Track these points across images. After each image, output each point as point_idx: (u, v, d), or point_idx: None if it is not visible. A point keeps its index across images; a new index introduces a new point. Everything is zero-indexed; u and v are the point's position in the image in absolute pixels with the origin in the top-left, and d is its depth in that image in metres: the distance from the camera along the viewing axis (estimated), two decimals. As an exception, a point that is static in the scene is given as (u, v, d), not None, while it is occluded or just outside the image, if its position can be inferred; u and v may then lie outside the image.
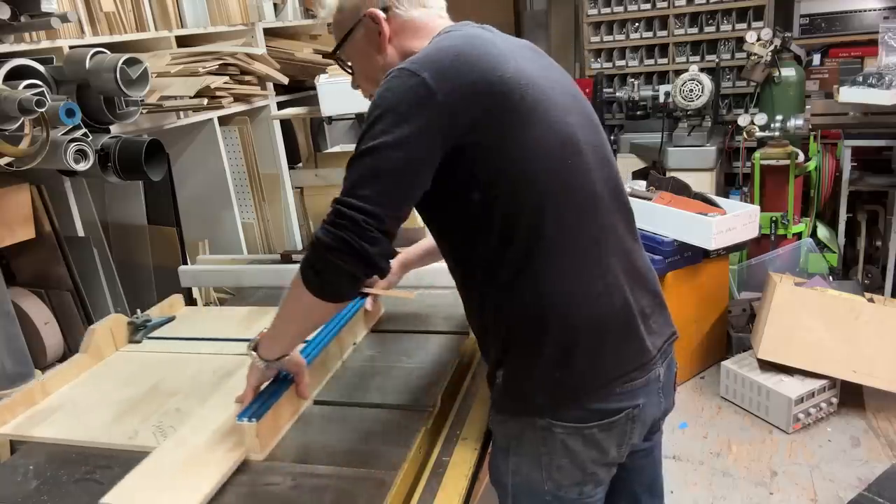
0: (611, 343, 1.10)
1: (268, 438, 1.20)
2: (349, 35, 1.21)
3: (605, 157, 1.17)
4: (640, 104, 3.94)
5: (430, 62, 1.04)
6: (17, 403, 1.40)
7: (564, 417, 1.11)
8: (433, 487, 1.14)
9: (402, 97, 1.01)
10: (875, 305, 2.73)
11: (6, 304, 1.69)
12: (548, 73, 1.15)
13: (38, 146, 1.56)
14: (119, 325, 1.68)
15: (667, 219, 2.85)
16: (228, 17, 2.49)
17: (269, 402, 1.21)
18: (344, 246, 1.00)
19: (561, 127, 1.08)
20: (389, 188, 1.02)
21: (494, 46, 1.09)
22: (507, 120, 1.04)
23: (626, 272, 1.13)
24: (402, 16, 1.18)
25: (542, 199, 1.06)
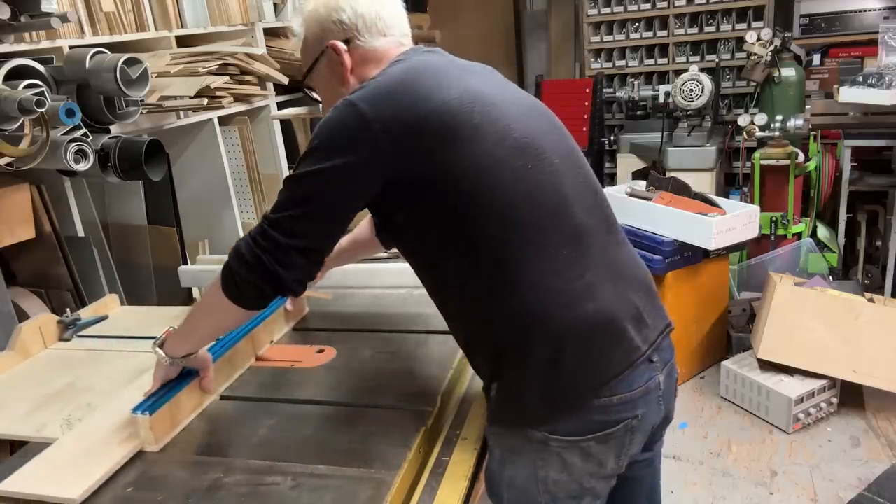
0: (599, 342, 1.08)
1: (163, 431, 1.24)
2: (314, 65, 1.25)
3: (576, 163, 1.17)
4: (640, 104, 3.94)
5: (370, 93, 1.07)
6: None
7: (561, 430, 1.10)
8: (433, 487, 1.14)
9: (339, 128, 1.05)
10: (875, 305, 2.73)
11: (6, 304, 1.69)
12: (501, 90, 1.17)
13: (38, 146, 1.56)
14: (48, 323, 1.71)
15: (667, 219, 2.85)
16: (228, 17, 2.49)
17: (167, 397, 1.25)
18: (259, 266, 1.07)
19: (517, 135, 1.09)
20: (315, 220, 1.08)
21: (439, 71, 1.12)
22: (454, 141, 1.05)
23: (609, 270, 1.12)
24: (364, 46, 1.21)
25: (505, 208, 1.06)
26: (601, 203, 1.19)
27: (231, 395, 1.40)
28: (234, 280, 1.11)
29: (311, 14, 1.25)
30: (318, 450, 1.20)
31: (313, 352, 1.55)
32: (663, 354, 1.18)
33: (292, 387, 1.44)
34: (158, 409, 1.22)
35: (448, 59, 1.21)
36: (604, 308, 1.09)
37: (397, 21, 1.24)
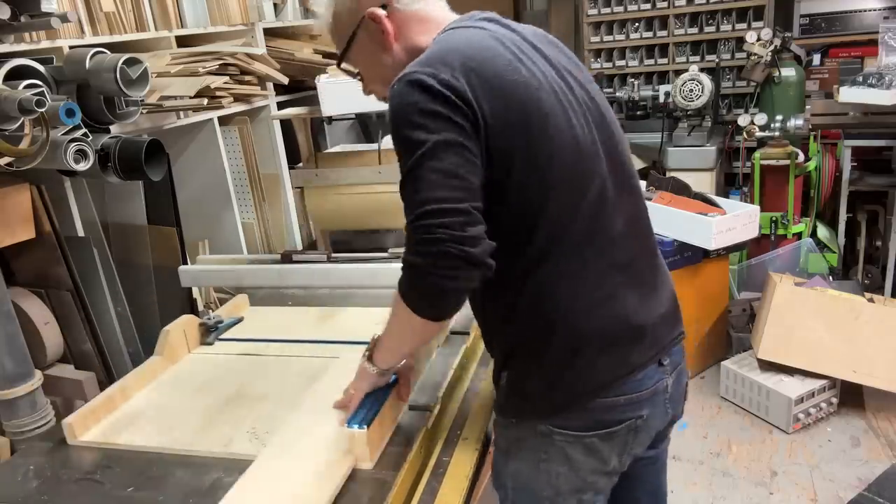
0: (617, 347, 1.09)
1: (376, 446, 1.17)
2: (352, 40, 1.17)
3: (623, 164, 1.14)
4: (640, 104, 3.94)
5: (437, 62, 1.00)
6: (98, 409, 1.38)
7: (565, 425, 1.11)
8: (433, 487, 1.14)
9: (416, 102, 0.98)
10: (875, 305, 2.73)
11: (6, 304, 1.69)
12: (558, 68, 1.10)
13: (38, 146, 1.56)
14: (192, 326, 1.66)
15: (667, 219, 2.85)
16: (228, 17, 2.48)
17: (375, 409, 1.19)
18: (446, 261, 0.95)
19: (573, 134, 1.05)
20: (459, 181, 0.97)
21: (504, 47, 1.05)
22: (520, 122, 1.01)
23: (638, 277, 1.13)
24: (403, 10, 1.14)
25: (552, 205, 1.04)
26: (640, 209, 1.18)
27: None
28: (423, 297, 1.01)
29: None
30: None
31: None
32: (674, 358, 1.19)
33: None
34: (373, 421, 1.16)
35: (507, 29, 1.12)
36: (628, 314, 1.10)
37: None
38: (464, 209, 0.96)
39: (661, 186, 3.06)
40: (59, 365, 1.99)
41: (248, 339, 1.69)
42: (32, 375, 1.70)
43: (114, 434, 1.32)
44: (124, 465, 1.22)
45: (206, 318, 1.70)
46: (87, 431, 1.33)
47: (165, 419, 1.35)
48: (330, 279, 1.93)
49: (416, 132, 0.97)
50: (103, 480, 1.18)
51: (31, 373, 1.71)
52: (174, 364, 1.59)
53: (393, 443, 1.21)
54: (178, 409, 1.38)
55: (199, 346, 1.67)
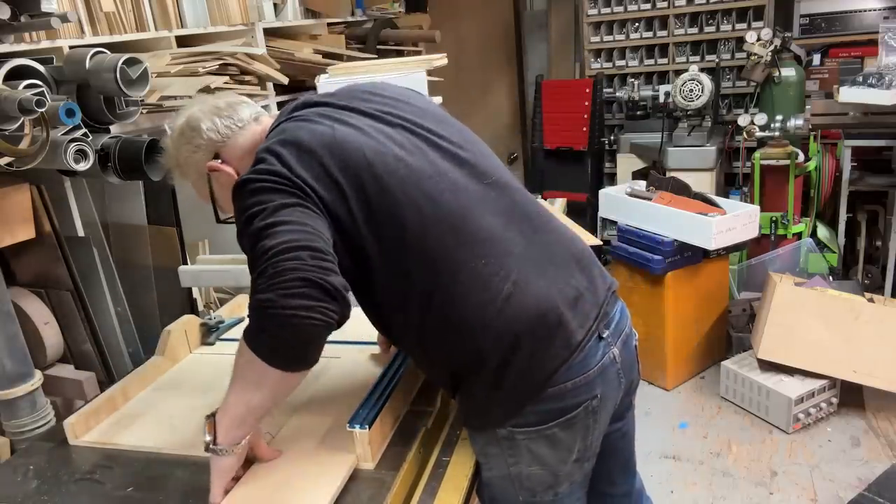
0: (540, 335, 1.09)
1: (377, 446, 1.17)
2: (213, 195, 1.25)
3: (476, 163, 1.16)
4: (640, 104, 3.94)
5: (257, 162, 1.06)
6: (100, 408, 1.38)
7: (523, 423, 1.12)
8: (433, 487, 1.14)
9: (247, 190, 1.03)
10: (875, 305, 2.73)
11: (6, 304, 1.69)
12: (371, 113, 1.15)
13: (38, 146, 1.56)
14: (193, 326, 1.66)
15: (667, 219, 2.85)
16: (228, 17, 2.49)
17: (378, 407, 1.18)
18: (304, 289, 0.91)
19: (399, 167, 1.08)
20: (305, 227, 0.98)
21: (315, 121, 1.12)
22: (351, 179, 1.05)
23: (534, 262, 1.12)
24: (232, 146, 1.21)
25: (411, 236, 1.06)
26: (512, 197, 1.17)
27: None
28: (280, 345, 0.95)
29: (177, 161, 1.25)
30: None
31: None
32: (616, 326, 1.18)
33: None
34: (375, 420, 1.15)
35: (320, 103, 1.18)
36: (537, 301, 1.09)
37: (237, 107, 1.23)
38: (317, 246, 0.96)
39: (661, 186, 3.06)
40: (59, 365, 1.99)
41: None
42: (32, 375, 1.71)
43: (115, 434, 1.32)
44: (124, 465, 1.22)
45: (208, 318, 1.69)
46: (89, 432, 1.33)
47: (166, 420, 1.35)
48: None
49: (252, 208, 1.01)
50: (103, 480, 1.18)
51: (31, 373, 1.71)
52: (175, 364, 1.58)
53: (393, 443, 1.21)
54: (179, 410, 1.38)
55: (200, 346, 1.67)
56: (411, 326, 1.12)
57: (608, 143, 4.20)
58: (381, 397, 1.22)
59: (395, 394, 1.25)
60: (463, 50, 4.61)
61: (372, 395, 1.22)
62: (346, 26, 3.32)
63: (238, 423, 1.04)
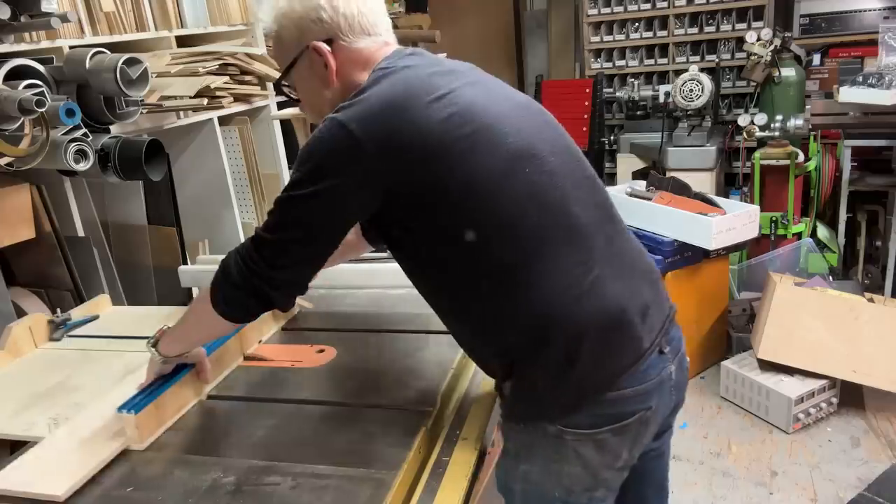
0: (611, 337, 1.09)
1: (149, 429, 1.25)
2: (292, 66, 1.19)
3: (572, 158, 1.16)
4: (640, 104, 3.94)
5: (360, 113, 1.03)
6: None
7: (575, 424, 1.10)
8: (433, 487, 1.14)
9: (331, 150, 1.03)
10: (875, 305, 2.73)
11: (6, 304, 1.69)
12: (489, 92, 1.14)
13: (38, 146, 1.56)
14: (39, 323, 1.72)
15: (667, 219, 2.85)
16: (228, 17, 2.49)
17: (152, 396, 1.27)
18: (247, 284, 1.09)
19: (511, 140, 1.07)
20: (306, 243, 1.08)
21: (426, 84, 1.08)
22: (448, 158, 1.03)
23: (615, 263, 1.12)
24: (348, 47, 1.15)
25: (506, 218, 1.05)
26: (601, 196, 1.18)
27: (219, 394, 1.40)
28: (222, 296, 1.13)
29: (285, 13, 1.17)
30: (318, 450, 1.20)
31: (313, 351, 1.55)
32: (674, 344, 1.18)
33: (290, 386, 1.44)
34: (144, 407, 1.23)
35: (432, 64, 1.16)
36: (613, 302, 1.09)
37: (380, 18, 1.19)
38: (288, 265, 1.09)
39: (661, 186, 3.06)
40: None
41: (98, 336, 1.73)
42: (32, 375, 1.71)
43: None
44: (124, 465, 1.22)
45: (55, 316, 1.75)
46: None
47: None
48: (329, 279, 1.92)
49: (316, 170, 1.04)
50: (102, 480, 1.18)
51: (30, 373, 1.71)
52: (16, 358, 1.65)
53: (392, 443, 1.21)
54: (15, 398, 1.46)
55: (46, 341, 1.72)
56: (483, 301, 1.10)
57: (608, 143, 4.20)
58: (162, 386, 1.30)
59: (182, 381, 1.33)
60: (463, 50, 4.61)
61: (156, 382, 1.31)
62: (346, 26, 3.32)
63: (170, 344, 1.28)
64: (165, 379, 1.32)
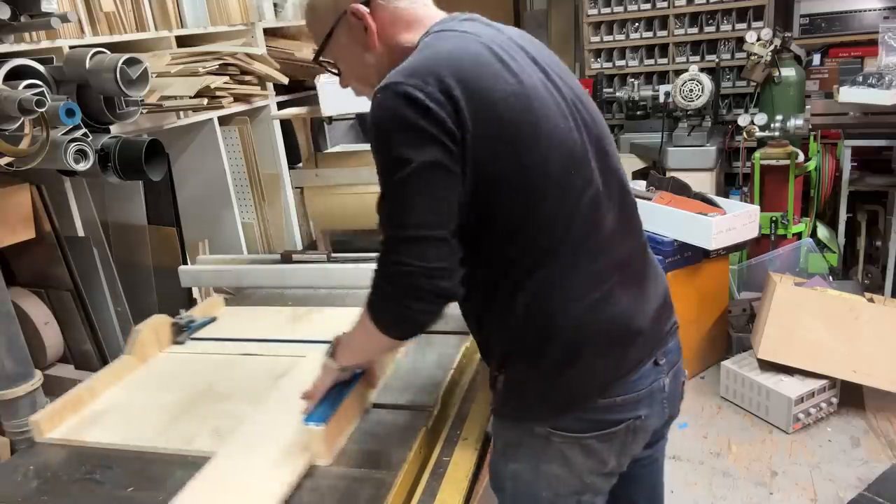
0: (614, 347, 1.09)
1: (334, 443, 1.18)
2: (331, 35, 1.13)
3: (611, 163, 1.13)
4: (640, 104, 3.94)
5: (425, 73, 0.97)
6: (65, 407, 1.38)
7: (563, 427, 1.10)
8: (433, 487, 1.14)
9: (403, 116, 0.95)
10: (875, 305, 2.73)
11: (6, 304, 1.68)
12: (546, 70, 1.09)
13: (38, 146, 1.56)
14: (163, 325, 1.67)
15: (667, 219, 2.85)
16: (228, 17, 2.49)
17: (336, 405, 1.19)
18: (415, 293, 0.98)
19: (564, 137, 1.04)
20: (438, 206, 0.97)
21: (492, 54, 1.03)
22: (509, 136, 1.00)
23: (631, 275, 1.12)
24: (387, 6, 1.10)
25: (546, 213, 1.03)
26: (630, 206, 1.17)
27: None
28: (394, 321, 1.05)
29: None
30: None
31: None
32: (670, 357, 1.18)
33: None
34: (330, 418, 1.16)
35: (495, 33, 1.10)
36: (623, 314, 1.09)
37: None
38: (440, 237, 0.97)
39: (661, 186, 3.06)
40: (59, 365, 1.99)
41: (221, 338, 1.69)
42: (32, 375, 1.70)
43: (80, 432, 1.33)
44: (124, 466, 1.22)
45: (178, 318, 1.70)
46: (55, 429, 1.34)
47: (130, 417, 1.36)
48: (330, 279, 1.93)
49: (400, 149, 0.96)
50: (103, 480, 1.18)
51: (31, 373, 1.70)
52: (144, 363, 1.59)
53: (392, 443, 1.21)
54: (143, 408, 1.39)
55: (171, 345, 1.68)
56: (499, 292, 1.08)
57: (608, 143, 4.20)
58: (341, 395, 1.23)
59: (355, 391, 1.26)
60: (463, 50, 4.61)
61: (332, 391, 1.23)
62: (346, 26, 3.31)
63: (352, 356, 1.22)
64: (342, 386, 1.25)
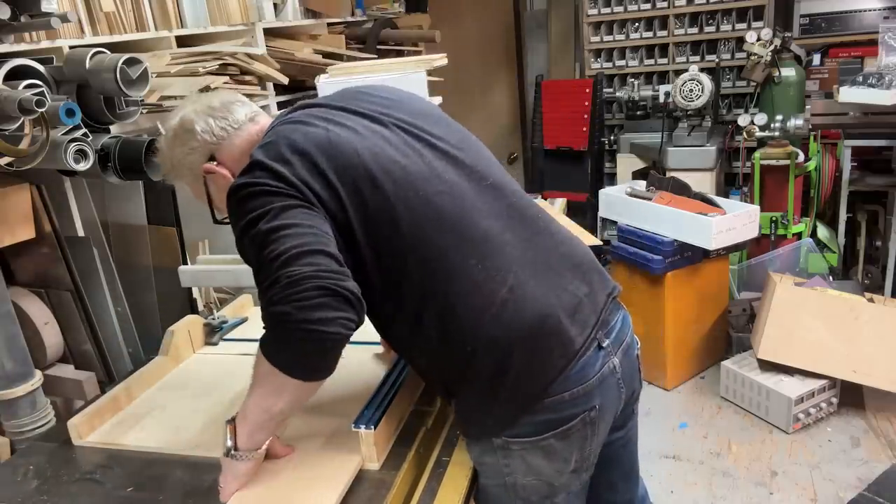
0: (538, 343, 1.07)
1: (383, 446, 1.16)
2: (208, 194, 1.22)
3: (475, 164, 1.15)
4: (640, 104, 3.94)
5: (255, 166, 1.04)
6: (103, 409, 1.37)
7: (518, 433, 1.10)
8: (433, 487, 1.14)
9: (247, 192, 1.01)
10: (875, 305, 2.73)
11: (6, 304, 1.69)
12: (370, 114, 1.14)
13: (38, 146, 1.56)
14: (196, 326, 1.66)
15: (667, 219, 2.85)
16: (228, 17, 2.48)
17: (383, 407, 1.17)
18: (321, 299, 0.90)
19: (401, 164, 1.07)
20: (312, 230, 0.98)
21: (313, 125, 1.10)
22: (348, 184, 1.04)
23: (533, 266, 1.10)
24: (228, 146, 1.18)
25: (407, 246, 1.05)
26: (512, 199, 1.16)
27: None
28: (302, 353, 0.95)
29: (169, 160, 1.22)
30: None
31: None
32: (617, 335, 1.16)
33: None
34: (380, 421, 1.14)
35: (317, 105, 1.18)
36: (534, 308, 1.07)
37: (231, 107, 1.20)
38: (323, 251, 0.95)
39: (661, 186, 3.06)
40: (59, 365, 1.99)
41: (254, 339, 1.67)
42: (32, 375, 1.70)
43: (119, 435, 1.32)
44: (124, 465, 1.22)
45: (211, 319, 1.69)
46: (93, 432, 1.33)
47: (170, 420, 1.35)
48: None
49: (254, 212, 1.00)
50: (103, 480, 1.18)
51: (31, 373, 1.71)
52: (179, 364, 1.58)
53: (393, 443, 1.21)
54: (182, 411, 1.38)
55: (203, 346, 1.67)
56: (406, 331, 1.11)
57: (608, 143, 4.20)
58: (386, 397, 1.21)
59: (399, 394, 1.25)
60: (463, 50, 4.61)
61: (377, 395, 1.22)
62: (345, 26, 3.32)
63: (258, 428, 1.06)
64: (391, 385, 1.23)
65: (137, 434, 1.32)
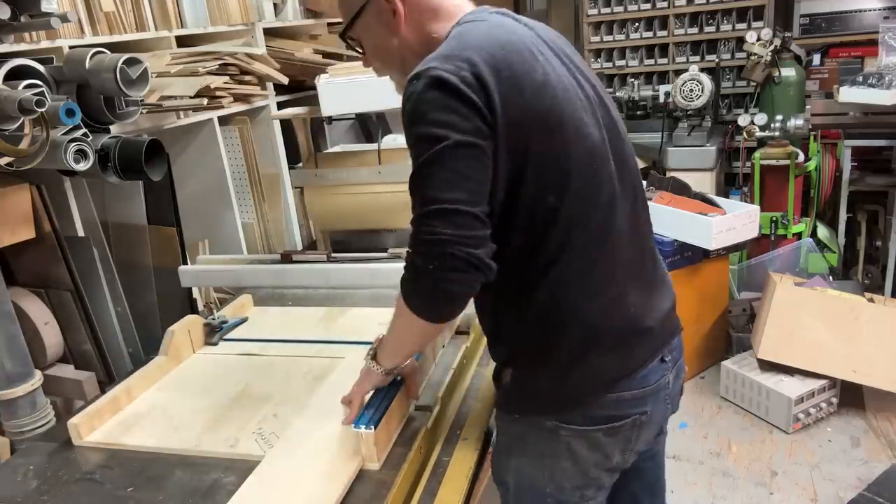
0: (625, 345, 1.10)
1: (383, 447, 1.17)
2: (360, 14, 1.13)
3: (627, 161, 1.14)
4: (640, 104, 3.94)
5: (458, 59, 0.98)
6: (103, 409, 1.37)
7: (571, 420, 1.11)
8: (433, 487, 1.14)
9: (436, 99, 0.96)
10: (875, 305, 2.73)
11: (6, 304, 1.68)
12: (570, 67, 1.10)
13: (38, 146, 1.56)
14: (196, 326, 1.66)
15: (667, 219, 2.85)
16: (228, 17, 2.48)
17: (383, 409, 1.18)
18: (450, 263, 0.95)
19: (589, 133, 1.05)
20: (469, 184, 0.96)
21: (522, 44, 1.04)
22: (534, 125, 1.00)
23: (641, 275, 1.14)
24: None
25: (566, 208, 1.03)
26: (642, 210, 1.18)
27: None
28: (427, 300, 1.01)
29: None
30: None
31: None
32: (674, 354, 1.20)
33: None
34: (380, 422, 1.15)
35: (522, 26, 1.10)
36: (636, 313, 1.11)
37: None
38: (471, 212, 0.96)
39: (661, 186, 3.06)
40: (59, 365, 1.99)
41: (253, 339, 1.68)
42: (32, 375, 1.70)
43: (119, 435, 1.32)
44: (124, 465, 1.22)
45: (211, 319, 1.70)
46: (93, 432, 1.33)
47: (171, 420, 1.35)
48: (330, 279, 1.93)
49: (432, 129, 0.96)
50: (103, 480, 1.18)
51: (31, 373, 1.70)
52: (179, 364, 1.58)
53: (394, 443, 1.21)
54: (183, 410, 1.38)
55: (203, 346, 1.67)
56: (513, 292, 1.09)
57: (608, 143, 4.20)
58: (386, 397, 1.21)
59: (399, 394, 1.25)
60: (463, 50, 4.61)
61: (377, 395, 1.22)
62: (346, 26, 3.31)
63: (393, 354, 1.19)
64: (386, 391, 1.23)
65: (137, 434, 1.32)
